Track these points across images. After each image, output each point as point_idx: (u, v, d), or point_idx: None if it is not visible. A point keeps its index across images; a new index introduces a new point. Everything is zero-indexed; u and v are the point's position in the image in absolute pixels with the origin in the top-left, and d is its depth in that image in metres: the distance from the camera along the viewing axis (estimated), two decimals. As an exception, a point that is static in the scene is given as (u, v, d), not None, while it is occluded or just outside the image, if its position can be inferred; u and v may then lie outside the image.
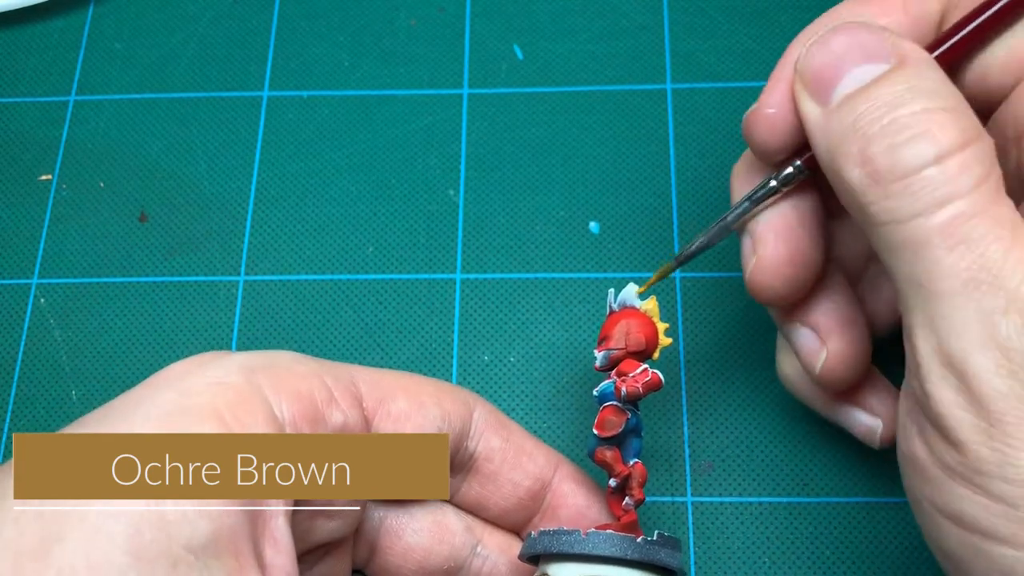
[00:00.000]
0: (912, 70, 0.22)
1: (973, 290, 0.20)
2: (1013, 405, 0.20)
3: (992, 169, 0.21)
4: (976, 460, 0.21)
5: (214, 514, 0.20)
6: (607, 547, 0.25)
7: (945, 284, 0.21)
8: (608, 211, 0.38)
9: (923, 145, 0.21)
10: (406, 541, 0.29)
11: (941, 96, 0.21)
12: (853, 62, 0.22)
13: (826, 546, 0.33)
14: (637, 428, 0.28)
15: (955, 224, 0.20)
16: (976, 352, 0.20)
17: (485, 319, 0.37)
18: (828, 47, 0.23)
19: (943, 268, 0.21)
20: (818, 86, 0.23)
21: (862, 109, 0.22)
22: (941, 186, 0.20)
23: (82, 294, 0.38)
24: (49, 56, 0.42)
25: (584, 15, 0.41)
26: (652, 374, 0.27)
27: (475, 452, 0.29)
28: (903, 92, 0.21)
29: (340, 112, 0.40)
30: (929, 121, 0.21)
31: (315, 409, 0.24)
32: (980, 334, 0.20)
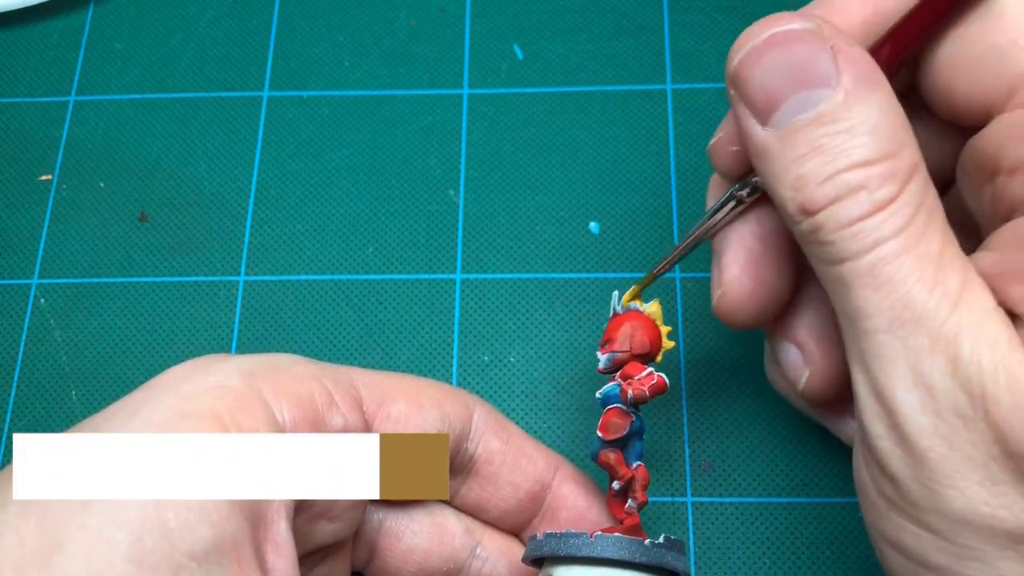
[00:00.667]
0: (854, 100, 0.21)
1: (898, 328, 0.20)
2: (937, 443, 0.20)
3: (922, 203, 0.21)
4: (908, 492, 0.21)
5: (216, 520, 0.20)
6: (615, 550, 0.25)
7: (872, 323, 0.21)
8: (608, 211, 0.38)
9: (859, 202, 0.21)
10: (405, 543, 0.29)
11: (881, 136, 0.21)
12: (792, 87, 0.21)
13: (826, 546, 0.33)
14: (640, 431, 0.28)
15: (880, 266, 0.21)
16: (901, 389, 0.20)
17: (485, 319, 0.37)
18: (764, 63, 0.22)
19: (869, 307, 0.21)
20: (756, 106, 0.22)
21: (802, 150, 0.21)
22: (870, 233, 0.21)
23: (82, 294, 0.38)
24: (49, 56, 0.42)
25: (584, 15, 0.41)
26: (658, 377, 0.27)
27: (475, 454, 0.29)
28: (844, 137, 0.21)
29: (340, 112, 0.40)
30: (867, 175, 0.21)
31: (315, 412, 0.24)
32: (905, 372, 0.20)
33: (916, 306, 0.20)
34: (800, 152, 0.21)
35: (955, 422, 0.20)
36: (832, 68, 0.21)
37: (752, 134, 0.22)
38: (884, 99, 0.21)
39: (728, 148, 0.26)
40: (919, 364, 0.20)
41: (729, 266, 0.26)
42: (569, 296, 0.37)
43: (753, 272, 0.26)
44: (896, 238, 0.20)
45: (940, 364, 0.20)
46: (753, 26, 0.23)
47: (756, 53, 0.22)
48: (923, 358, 0.20)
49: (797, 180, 0.21)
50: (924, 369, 0.20)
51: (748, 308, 0.26)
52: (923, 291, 0.20)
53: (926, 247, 0.21)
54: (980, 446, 0.20)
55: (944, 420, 0.20)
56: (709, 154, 0.27)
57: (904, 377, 0.20)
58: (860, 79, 0.21)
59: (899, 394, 0.20)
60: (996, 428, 0.19)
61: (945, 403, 0.20)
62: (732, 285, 0.26)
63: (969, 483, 0.20)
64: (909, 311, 0.20)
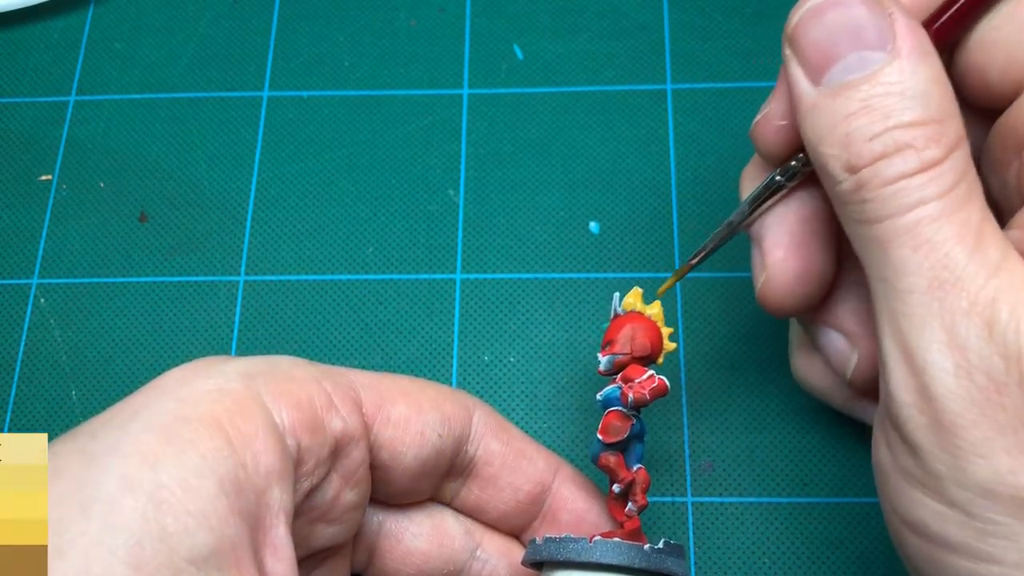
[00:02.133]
0: (907, 66, 0.21)
1: (936, 289, 0.20)
2: (966, 407, 0.20)
3: (965, 175, 0.21)
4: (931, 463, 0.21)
5: (215, 525, 0.20)
6: (615, 555, 0.25)
7: (909, 281, 0.21)
8: (608, 211, 0.38)
9: (905, 159, 0.21)
10: (405, 545, 0.29)
11: (931, 102, 0.21)
12: (848, 46, 0.22)
13: (826, 546, 0.33)
14: (641, 433, 0.27)
15: (921, 226, 0.21)
16: (935, 351, 0.20)
17: (485, 319, 0.37)
18: (822, 22, 0.22)
19: (908, 266, 0.21)
20: (810, 64, 0.23)
21: (852, 108, 0.22)
22: (914, 192, 0.21)
23: (82, 294, 0.38)
24: (49, 56, 0.42)
25: (584, 15, 0.41)
26: (659, 380, 0.27)
27: (475, 456, 0.28)
28: (895, 98, 0.21)
29: (340, 112, 0.40)
30: (915, 135, 0.21)
31: (315, 416, 0.24)
32: (940, 333, 0.20)
33: (956, 268, 0.20)
34: (851, 110, 0.21)
35: (987, 386, 0.20)
36: (889, 33, 0.22)
37: (803, 92, 0.23)
38: (935, 70, 0.22)
39: (775, 123, 0.25)
40: (955, 326, 0.20)
41: (772, 249, 0.26)
42: (569, 296, 0.37)
43: (798, 254, 0.26)
44: (939, 200, 0.21)
45: (977, 326, 0.20)
46: None
47: (816, 11, 0.22)
48: (960, 320, 0.20)
49: (845, 136, 0.22)
50: (960, 331, 0.20)
51: (795, 291, 0.26)
52: (963, 254, 0.20)
53: (967, 215, 0.21)
54: (1011, 411, 0.20)
55: (976, 383, 0.20)
56: (752, 134, 0.26)
57: (939, 339, 0.20)
58: (914, 47, 0.22)
59: (932, 355, 0.20)
60: None
61: (979, 366, 0.20)
62: (777, 269, 0.26)
63: (996, 451, 0.20)
64: (948, 272, 0.20)
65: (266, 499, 0.22)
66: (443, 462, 0.28)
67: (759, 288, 0.27)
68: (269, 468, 0.22)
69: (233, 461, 0.21)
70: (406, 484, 0.27)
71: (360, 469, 0.25)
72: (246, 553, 0.21)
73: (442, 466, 0.28)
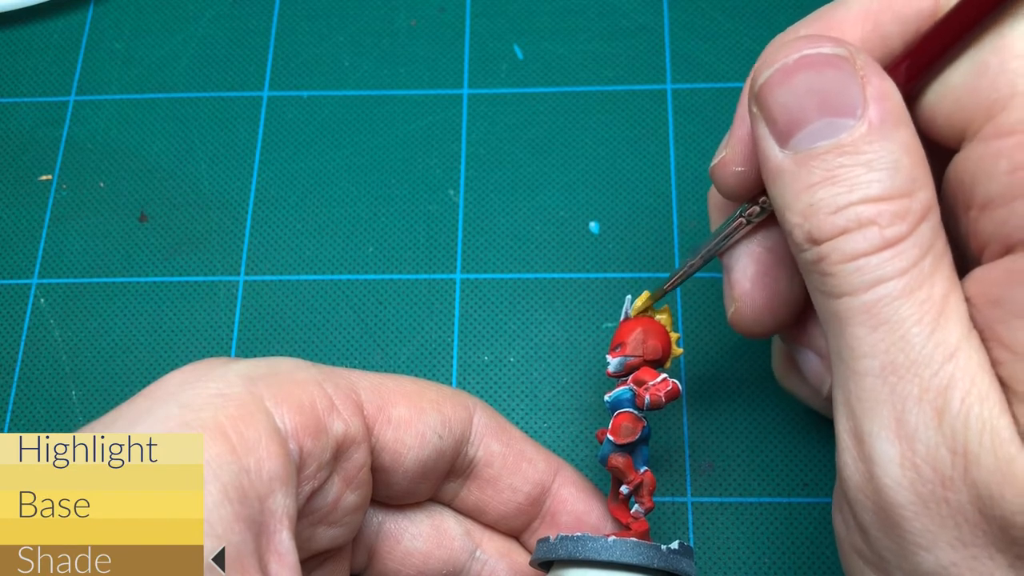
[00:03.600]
0: (877, 135, 0.20)
1: (890, 374, 0.20)
2: (911, 499, 0.20)
3: (931, 247, 0.20)
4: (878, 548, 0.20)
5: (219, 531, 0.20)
6: (634, 555, 0.25)
7: (863, 364, 0.20)
8: (608, 211, 0.38)
9: (867, 237, 0.20)
10: (404, 546, 0.28)
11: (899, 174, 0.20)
12: (816, 112, 0.21)
13: (826, 546, 0.33)
14: (647, 436, 0.27)
15: (880, 305, 0.20)
16: (883, 439, 0.20)
17: (485, 319, 0.37)
18: (792, 84, 0.21)
19: (863, 347, 0.20)
20: (777, 126, 0.22)
21: (817, 177, 0.21)
22: (873, 270, 0.20)
23: (82, 294, 0.38)
24: (49, 56, 0.42)
25: (584, 15, 0.41)
26: (673, 384, 0.27)
27: (475, 457, 0.28)
28: (862, 170, 0.20)
29: (340, 112, 0.40)
30: (879, 211, 0.20)
31: (317, 419, 0.24)
32: (889, 420, 0.20)
33: (911, 351, 0.20)
34: (815, 179, 0.21)
35: (933, 478, 0.19)
36: (860, 98, 0.21)
37: (769, 155, 0.22)
38: (907, 137, 0.21)
39: (732, 168, 0.25)
40: (905, 413, 0.20)
41: (740, 280, 0.26)
42: (569, 296, 0.37)
43: (764, 284, 0.26)
44: (899, 279, 0.20)
45: (927, 415, 0.19)
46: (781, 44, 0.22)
47: (785, 73, 0.22)
48: (910, 407, 0.19)
49: (808, 208, 0.21)
50: (909, 419, 0.19)
51: (762, 320, 0.26)
52: (920, 336, 0.20)
53: (929, 291, 0.20)
54: (955, 506, 0.19)
55: (921, 476, 0.19)
56: (712, 174, 0.26)
57: (887, 426, 0.20)
58: (886, 114, 0.21)
59: (880, 443, 0.20)
60: (974, 489, 0.19)
61: (925, 458, 0.19)
62: (744, 299, 0.26)
63: (940, 543, 0.19)
64: (903, 355, 0.20)
65: (270, 505, 0.22)
66: (443, 463, 0.28)
67: (729, 316, 0.27)
68: (272, 474, 0.22)
69: (237, 467, 0.21)
70: (406, 485, 0.27)
71: (361, 471, 0.25)
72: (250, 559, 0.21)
73: (442, 467, 0.28)
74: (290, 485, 0.23)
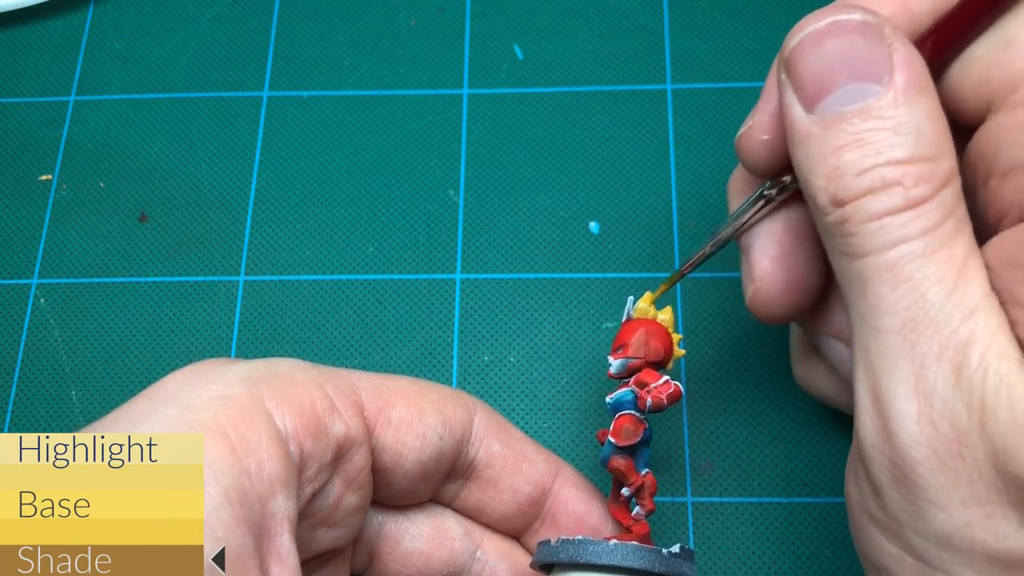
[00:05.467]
0: (902, 101, 0.21)
1: (909, 331, 0.20)
2: (927, 455, 0.20)
3: (953, 211, 0.21)
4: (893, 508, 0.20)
5: (220, 534, 0.20)
6: (636, 559, 0.25)
7: (884, 321, 0.20)
8: (608, 211, 0.38)
9: (892, 196, 0.21)
10: (405, 547, 0.28)
11: (923, 139, 0.21)
12: (845, 76, 0.21)
13: (826, 546, 0.33)
14: (648, 438, 0.27)
15: (901, 263, 0.20)
16: (901, 395, 0.20)
17: (485, 319, 0.37)
18: (822, 49, 0.22)
19: (885, 305, 0.20)
20: (805, 91, 0.22)
21: (843, 140, 0.21)
22: (896, 229, 0.20)
23: (82, 294, 0.38)
24: (49, 56, 0.42)
25: (584, 15, 0.41)
26: (675, 386, 0.27)
27: (475, 458, 0.28)
28: (887, 134, 0.21)
29: (340, 112, 0.40)
30: (904, 173, 0.21)
31: (317, 420, 0.24)
32: (908, 377, 0.20)
33: (931, 309, 0.20)
34: (841, 142, 0.21)
35: (949, 434, 0.19)
36: (887, 65, 0.21)
37: (796, 120, 0.22)
38: (931, 105, 0.21)
39: (759, 137, 0.25)
40: (924, 369, 0.20)
41: (760, 260, 0.26)
42: (569, 296, 0.37)
43: (786, 264, 0.26)
44: (921, 238, 0.20)
45: (945, 372, 0.20)
46: (813, 13, 0.23)
47: (815, 38, 0.22)
48: (929, 364, 0.20)
49: (833, 170, 0.21)
50: (928, 375, 0.20)
51: (783, 301, 0.26)
52: (940, 295, 0.20)
53: (950, 253, 0.20)
54: (970, 463, 0.19)
55: (938, 432, 0.20)
56: (737, 145, 0.26)
57: (906, 382, 0.20)
58: (912, 81, 0.21)
59: (898, 400, 0.20)
60: (990, 444, 0.19)
61: (943, 413, 0.19)
62: (765, 279, 0.26)
63: (953, 502, 0.19)
64: (923, 314, 0.20)
65: (270, 507, 0.22)
66: (444, 464, 0.28)
67: (748, 298, 0.27)
68: (273, 476, 0.22)
69: (237, 469, 0.21)
70: (407, 486, 0.27)
71: (362, 473, 0.25)
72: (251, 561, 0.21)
73: (443, 468, 0.28)
74: (291, 487, 0.22)
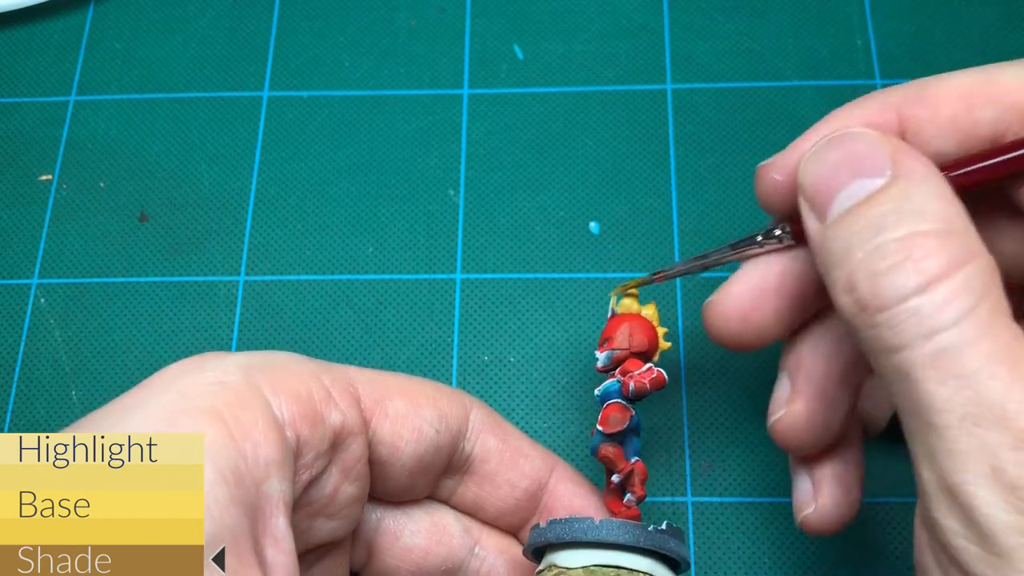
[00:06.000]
0: (904, 185, 0.21)
1: (974, 426, 0.19)
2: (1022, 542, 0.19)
3: (987, 293, 0.20)
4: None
5: (214, 514, 0.20)
6: (620, 534, 0.25)
7: (941, 418, 0.20)
8: (608, 211, 0.38)
9: (905, 274, 0.20)
10: (404, 542, 0.29)
11: (931, 215, 0.21)
12: (848, 176, 0.22)
13: (826, 546, 0.33)
14: (637, 427, 0.28)
15: (943, 357, 0.20)
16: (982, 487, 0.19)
17: (485, 319, 0.37)
18: (824, 159, 0.23)
19: (937, 402, 0.20)
20: (816, 201, 0.23)
21: (851, 232, 0.21)
22: (925, 318, 0.20)
23: (82, 294, 0.38)
24: (49, 56, 0.42)
25: (584, 15, 0.41)
26: (657, 372, 0.27)
27: (472, 453, 0.29)
28: (889, 212, 0.21)
29: (340, 112, 0.40)
30: (912, 247, 0.20)
31: (314, 409, 0.24)
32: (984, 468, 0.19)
33: (993, 404, 0.19)
34: (852, 231, 0.21)
35: None
36: (887, 160, 0.22)
37: (813, 232, 0.23)
38: (937, 188, 0.21)
39: (772, 175, 0.26)
40: (1000, 461, 0.19)
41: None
42: (569, 296, 0.37)
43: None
44: (956, 327, 0.20)
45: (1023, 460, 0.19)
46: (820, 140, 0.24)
47: (819, 150, 0.23)
48: (1004, 454, 0.19)
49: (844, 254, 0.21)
50: (1006, 467, 0.19)
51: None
52: (999, 387, 0.19)
53: (993, 339, 0.20)
54: None
55: None
56: (758, 172, 0.27)
57: (983, 474, 0.19)
58: (914, 168, 0.21)
59: (979, 491, 0.19)
60: None
61: None
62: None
63: None
64: (985, 408, 0.19)
65: (266, 490, 0.22)
66: (440, 458, 0.28)
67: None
68: (269, 459, 0.22)
69: (233, 451, 0.21)
70: (404, 480, 0.27)
71: (359, 463, 0.26)
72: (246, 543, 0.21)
73: (439, 462, 0.28)
74: (286, 471, 0.23)
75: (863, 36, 0.40)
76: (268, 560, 0.22)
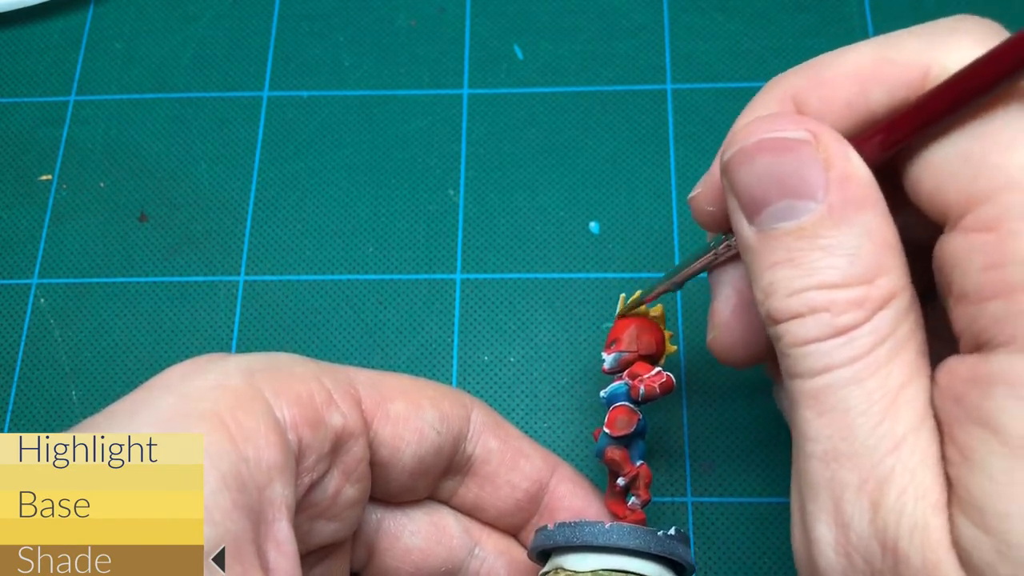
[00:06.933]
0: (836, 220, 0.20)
1: (832, 460, 0.20)
2: None
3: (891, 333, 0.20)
4: None
5: (217, 519, 0.20)
6: (632, 540, 0.25)
7: (809, 447, 0.20)
8: (608, 211, 0.38)
9: (818, 324, 0.20)
10: (404, 543, 0.29)
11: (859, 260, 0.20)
12: (778, 194, 0.21)
13: (826, 546, 0.33)
14: (643, 431, 0.28)
15: (827, 392, 0.20)
16: (822, 522, 0.20)
17: (485, 319, 0.37)
18: (752, 167, 0.21)
19: (810, 431, 0.20)
20: (743, 203, 0.22)
21: (778, 256, 0.21)
22: (822, 357, 0.20)
23: (82, 294, 0.38)
24: (49, 56, 0.42)
25: (584, 15, 0.41)
26: (667, 376, 0.27)
27: (472, 454, 0.29)
28: (819, 255, 0.20)
29: (340, 112, 0.40)
30: (833, 299, 0.20)
31: (315, 411, 0.24)
32: (828, 505, 0.20)
33: (855, 441, 0.19)
34: (775, 259, 0.21)
35: (864, 569, 0.19)
36: (821, 181, 0.20)
37: (738, 228, 0.22)
38: (871, 221, 0.20)
39: (705, 207, 0.26)
40: (842, 501, 0.20)
41: (720, 310, 0.26)
42: (569, 296, 0.37)
43: (742, 317, 0.26)
44: (849, 367, 0.20)
45: (863, 506, 0.19)
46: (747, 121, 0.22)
47: (744, 155, 0.22)
48: (848, 496, 0.19)
49: (768, 285, 0.21)
50: (846, 508, 0.19)
51: (738, 352, 0.26)
52: (866, 426, 0.19)
53: (882, 380, 0.20)
54: None
55: (853, 565, 0.19)
56: (690, 204, 0.26)
57: (826, 510, 0.20)
58: (848, 198, 0.20)
59: (820, 526, 0.20)
60: None
61: (858, 548, 0.19)
62: (722, 329, 0.26)
63: None
64: (846, 444, 0.20)
65: (268, 494, 0.22)
66: (441, 459, 0.28)
67: (708, 341, 0.27)
68: (271, 463, 0.22)
69: (235, 456, 0.21)
70: (405, 481, 0.27)
71: (360, 465, 0.25)
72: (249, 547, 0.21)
73: (440, 463, 0.28)
74: (288, 475, 0.23)
75: (863, 36, 0.40)
76: (271, 564, 0.22)
